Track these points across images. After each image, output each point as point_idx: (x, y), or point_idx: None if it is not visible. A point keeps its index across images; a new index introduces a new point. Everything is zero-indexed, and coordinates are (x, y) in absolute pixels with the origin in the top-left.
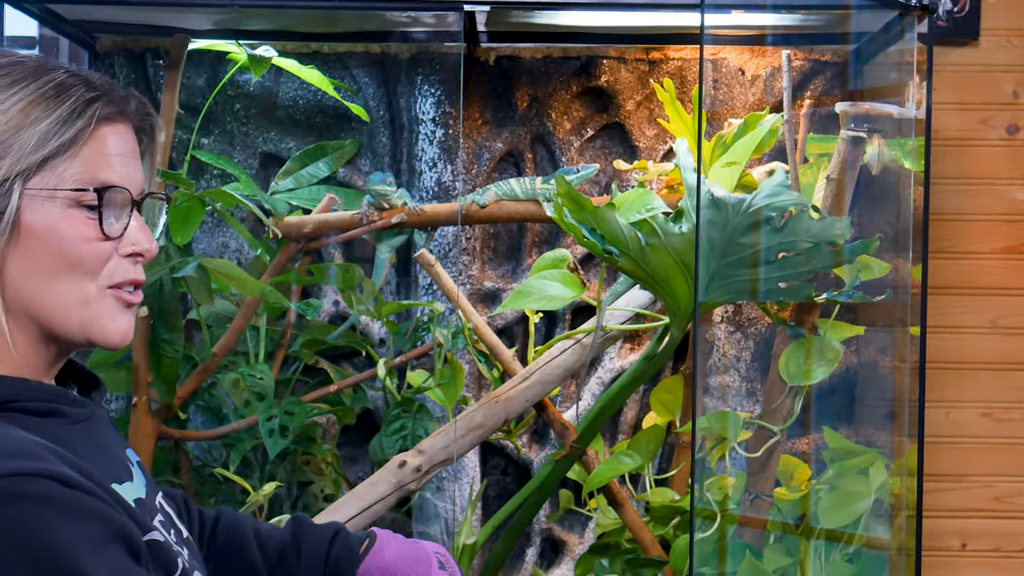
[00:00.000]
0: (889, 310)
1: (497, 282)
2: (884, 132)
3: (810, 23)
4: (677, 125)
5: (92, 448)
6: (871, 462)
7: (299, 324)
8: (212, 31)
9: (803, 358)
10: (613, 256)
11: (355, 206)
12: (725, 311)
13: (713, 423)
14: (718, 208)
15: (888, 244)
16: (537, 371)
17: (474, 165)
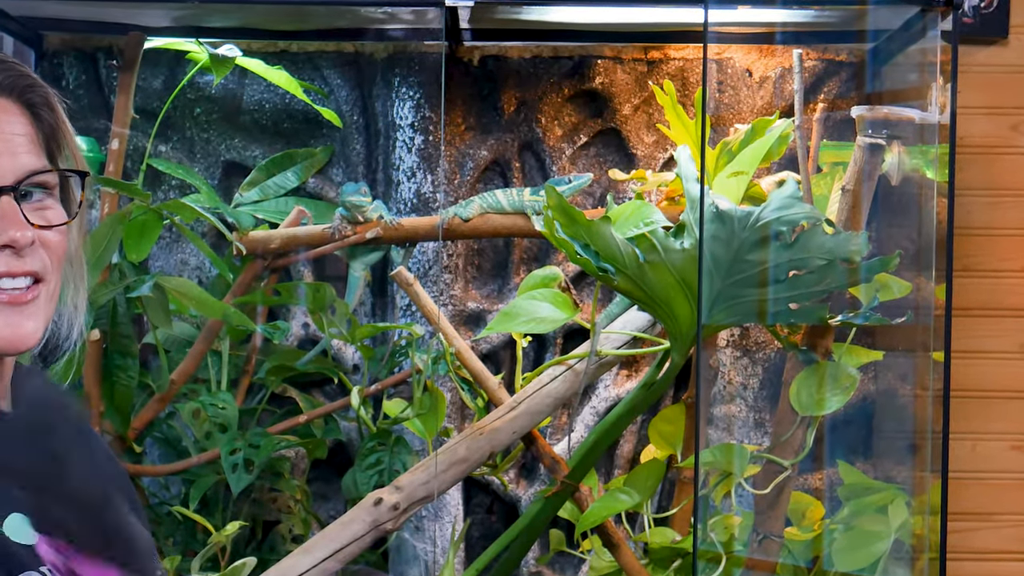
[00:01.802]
0: (910, 333)
1: (482, 303)
2: (904, 139)
3: (824, 20)
4: (678, 131)
5: None
6: (890, 500)
7: (265, 349)
8: (170, 28)
9: (816, 386)
10: (608, 274)
11: (326, 220)
12: (731, 334)
13: (718, 457)
14: (723, 222)
15: (909, 261)
16: (525, 400)
17: (456, 175)
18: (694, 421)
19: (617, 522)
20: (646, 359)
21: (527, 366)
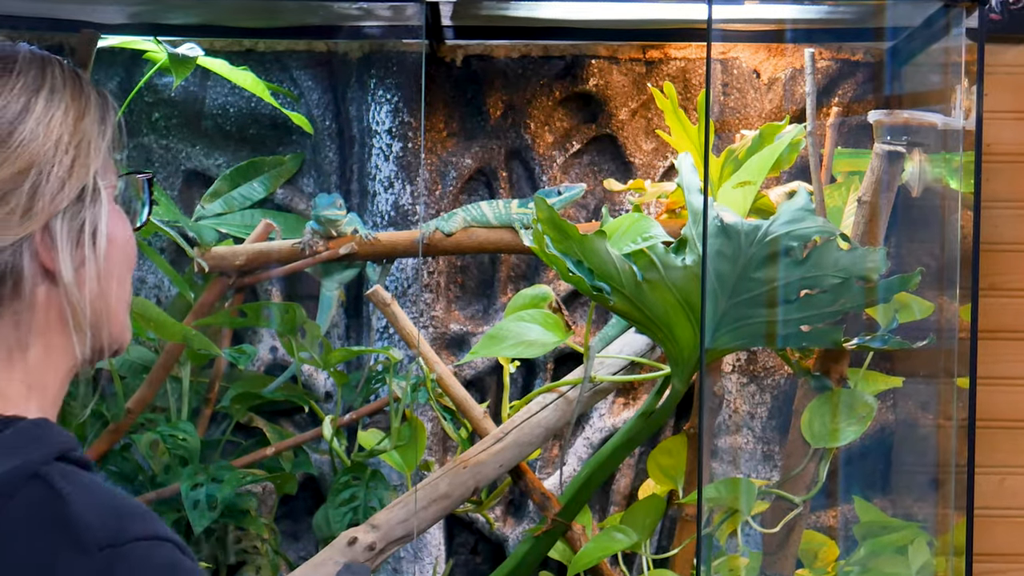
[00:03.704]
0: (932, 358)
1: (465, 325)
2: (926, 146)
3: (838, 16)
4: (679, 137)
5: None
6: (911, 539)
7: (230, 375)
8: (126, 26)
9: (830, 415)
10: (603, 293)
11: (297, 234)
12: (737, 359)
13: (722, 492)
14: (728, 236)
15: (931, 279)
16: (513, 431)
17: (438, 185)
18: (697, 453)
19: (613, 564)
20: (644, 386)
21: (515, 393)
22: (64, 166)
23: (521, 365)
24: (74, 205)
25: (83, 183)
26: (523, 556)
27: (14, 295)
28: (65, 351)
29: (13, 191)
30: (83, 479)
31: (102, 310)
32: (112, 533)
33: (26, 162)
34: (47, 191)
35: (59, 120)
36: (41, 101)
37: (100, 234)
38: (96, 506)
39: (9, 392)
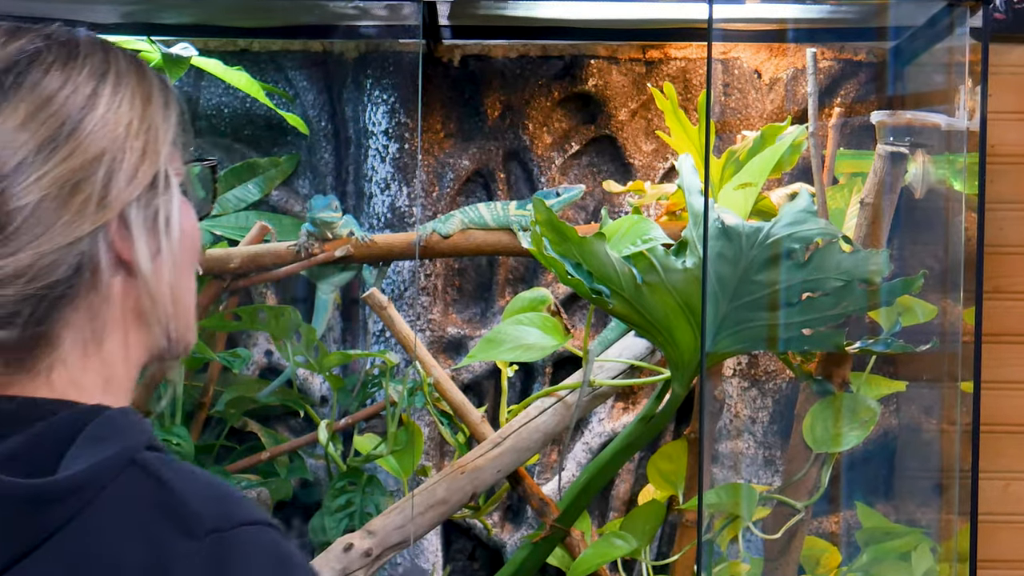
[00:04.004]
0: (936, 362)
1: (463, 328)
2: (930, 147)
3: (840, 15)
4: (680, 138)
5: None
6: (914, 545)
7: (224, 379)
8: (119, 25)
9: (832, 420)
10: (603, 296)
11: (292, 237)
12: (737, 363)
13: (723, 498)
14: (729, 239)
15: (934, 282)
16: (511, 435)
17: (435, 187)
18: (697, 458)
19: (612, 570)
20: (644, 390)
21: (513, 398)
22: (136, 152)
23: (519, 369)
24: (147, 193)
25: (155, 170)
26: (521, 562)
27: (91, 287)
28: (139, 344)
29: (87, 179)
30: (178, 465)
31: (176, 302)
32: (217, 518)
33: (99, 149)
34: (121, 178)
35: (127, 106)
36: (108, 87)
37: (173, 223)
38: (199, 492)
39: (85, 383)
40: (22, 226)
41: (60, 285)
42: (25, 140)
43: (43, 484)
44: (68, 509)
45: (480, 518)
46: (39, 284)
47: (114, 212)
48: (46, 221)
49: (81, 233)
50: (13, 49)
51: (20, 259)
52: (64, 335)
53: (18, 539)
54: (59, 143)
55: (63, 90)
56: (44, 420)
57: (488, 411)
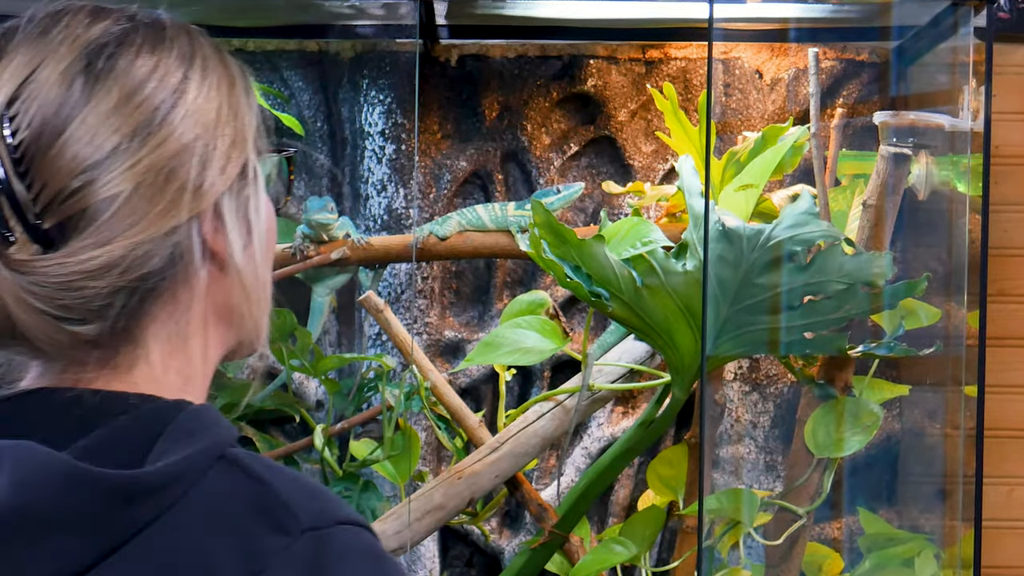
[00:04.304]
0: (939, 366)
1: (460, 331)
2: (933, 148)
3: (843, 15)
4: (680, 139)
5: None
6: (917, 551)
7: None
8: None
9: (834, 424)
10: (602, 299)
11: (287, 239)
12: (738, 367)
13: (724, 503)
14: (730, 241)
15: (938, 285)
16: (509, 440)
17: (432, 188)
18: (698, 464)
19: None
20: (644, 394)
21: (511, 402)
22: (227, 140)
23: (517, 373)
24: (238, 182)
25: (244, 158)
26: (519, 569)
27: (181, 280)
28: (219, 342)
29: (181, 167)
30: (268, 461)
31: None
32: (314, 515)
33: (192, 136)
34: (214, 166)
35: (215, 91)
36: (197, 71)
37: (259, 215)
38: (293, 488)
39: (166, 382)
40: (115, 216)
41: (153, 277)
42: (118, 126)
43: (135, 475)
44: (159, 503)
45: (478, 524)
46: (132, 276)
47: (209, 201)
48: (140, 211)
49: (176, 223)
50: (98, 30)
51: (112, 250)
52: (150, 331)
53: (107, 534)
54: (152, 129)
55: (154, 74)
56: (128, 414)
57: (486, 415)
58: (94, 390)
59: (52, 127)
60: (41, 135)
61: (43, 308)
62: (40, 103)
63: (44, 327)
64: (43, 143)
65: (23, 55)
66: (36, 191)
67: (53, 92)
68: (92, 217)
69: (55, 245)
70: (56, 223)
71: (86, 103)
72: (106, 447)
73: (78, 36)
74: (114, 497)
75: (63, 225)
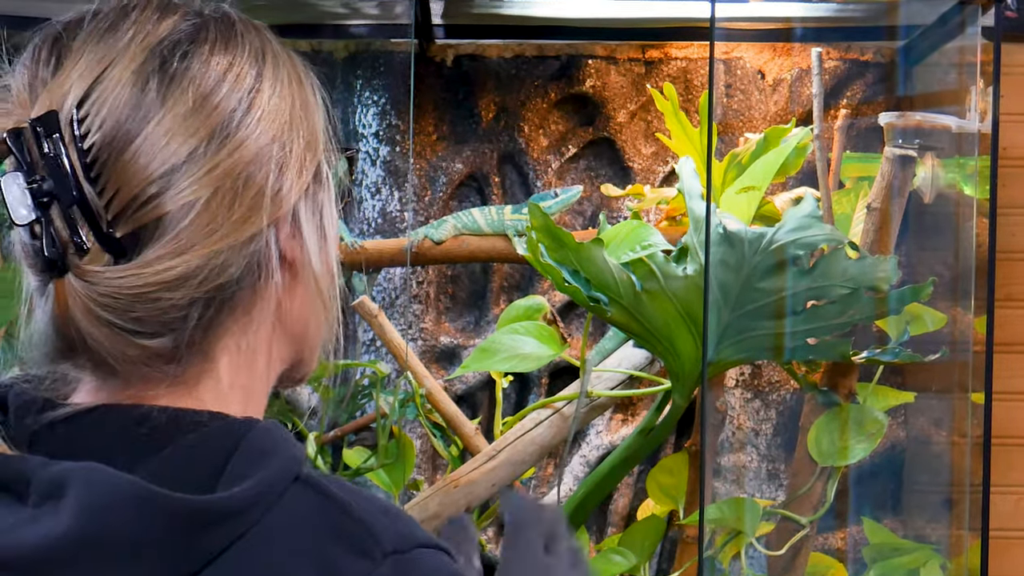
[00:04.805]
0: (945, 372)
1: (456, 337)
2: (939, 150)
3: (847, 14)
4: (680, 141)
5: None
6: (923, 561)
7: None
8: None
9: (838, 432)
10: (601, 304)
11: None
12: (740, 373)
13: (725, 513)
14: (731, 245)
15: (944, 290)
16: (506, 448)
17: (427, 191)
18: (699, 472)
19: None
20: (644, 402)
21: (508, 409)
22: (302, 140)
23: (514, 380)
24: (313, 184)
25: (318, 160)
26: None
27: (258, 291)
28: (281, 357)
29: (258, 171)
30: (342, 482)
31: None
32: (396, 539)
33: (268, 138)
34: (292, 168)
35: (287, 90)
36: (269, 69)
37: (333, 219)
38: (372, 510)
39: (231, 399)
40: (192, 224)
41: (230, 287)
42: (194, 130)
43: (212, 501)
44: (235, 529)
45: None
46: (209, 286)
47: (287, 207)
48: (218, 218)
49: (255, 230)
50: (168, 26)
51: (190, 259)
52: (221, 344)
53: (183, 562)
54: (229, 132)
55: (229, 74)
56: (196, 432)
57: (482, 423)
58: (161, 407)
59: (125, 130)
60: (114, 138)
61: (115, 321)
62: (112, 105)
63: (115, 341)
64: (116, 147)
65: (92, 53)
66: (108, 197)
67: (126, 93)
68: (168, 225)
69: (128, 255)
70: (130, 231)
71: (161, 105)
72: (177, 468)
73: (148, 33)
74: (191, 523)
75: (137, 234)
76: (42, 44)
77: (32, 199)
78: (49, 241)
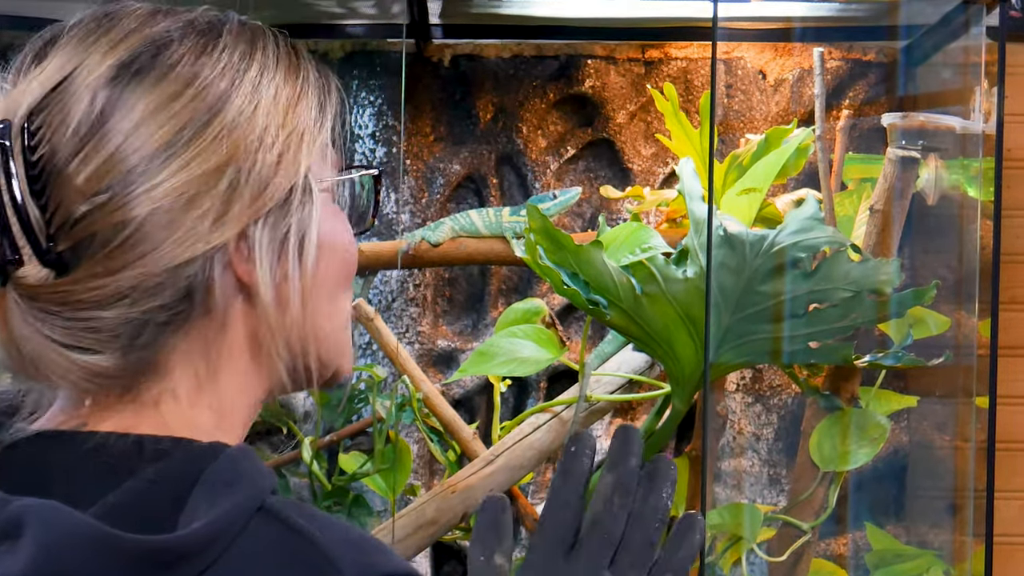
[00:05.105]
0: (949, 376)
1: (454, 341)
2: (943, 151)
3: (849, 13)
4: (681, 142)
5: None
6: (926, 568)
7: None
8: None
9: (840, 437)
10: (600, 307)
11: None
12: (741, 377)
13: (726, 518)
14: (732, 247)
15: (948, 293)
16: (504, 453)
17: (424, 193)
18: (699, 477)
19: None
20: (643, 406)
21: (506, 414)
22: (268, 163)
23: (513, 383)
24: (279, 209)
25: (291, 182)
26: None
27: (204, 314)
28: (259, 376)
29: (206, 192)
30: (310, 510)
31: (308, 331)
32: (360, 570)
33: (224, 157)
34: (246, 193)
35: (266, 107)
36: (247, 84)
37: (308, 243)
38: (337, 540)
39: (199, 421)
40: (126, 243)
41: (165, 310)
42: (140, 145)
43: (169, 541)
44: (194, 567)
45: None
46: (141, 308)
47: (233, 231)
48: (154, 238)
49: (192, 254)
50: (152, 32)
51: (121, 279)
52: (174, 363)
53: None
54: (175, 151)
55: (188, 89)
56: (159, 461)
57: (480, 428)
58: (121, 433)
59: (72, 143)
60: (57, 152)
61: (52, 336)
62: (63, 116)
63: (55, 357)
64: (59, 161)
65: (59, 59)
66: (50, 212)
67: (79, 105)
68: (103, 243)
69: (68, 270)
70: (69, 247)
71: (109, 117)
72: (137, 503)
73: (120, 40)
74: (147, 565)
75: (75, 249)
76: (30, 49)
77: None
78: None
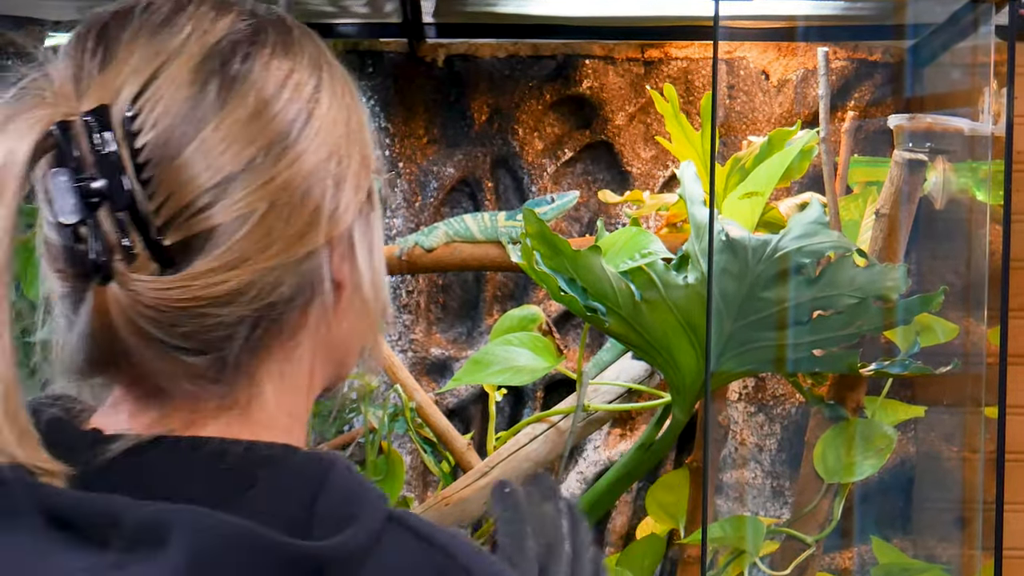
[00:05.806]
0: (957, 385)
1: (448, 349)
2: (951, 153)
3: (855, 12)
4: (681, 144)
5: None
6: None
7: None
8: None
9: (845, 447)
10: (598, 314)
11: None
12: (743, 386)
13: (728, 531)
14: (734, 252)
15: (956, 299)
16: (500, 464)
17: (417, 196)
18: (700, 489)
19: None
20: (643, 416)
21: (501, 424)
22: (358, 157)
23: (508, 393)
24: (366, 205)
25: (371, 178)
26: None
27: (304, 313)
28: (324, 376)
29: (316, 185)
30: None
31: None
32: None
33: (326, 151)
34: (348, 186)
35: (343, 102)
36: (327, 79)
37: (381, 241)
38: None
39: (279, 423)
40: (246, 237)
41: (280, 306)
42: (253, 137)
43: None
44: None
45: None
46: (260, 304)
47: (344, 225)
48: (274, 233)
49: (311, 247)
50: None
51: (242, 274)
52: (265, 367)
53: None
54: (288, 144)
55: (289, 81)
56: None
57: (475, 438)
58: (233, 439)
59: (181, 132)
60: (168, 140)
61: (158, 334)
62: (167, 104)
63: (157, 356)
64: (170, 149)
65: (146, 47)
66: (159, 202)
67: (183, 93)
68: (220, 237)
69: (176, 265)
70: (179, 240)
71: (220, 109)
72: (273, 511)
73: (206, 31)
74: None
75: (187, 243)
76: (87, 33)
77: (80, 198)
78: (95, 245)
